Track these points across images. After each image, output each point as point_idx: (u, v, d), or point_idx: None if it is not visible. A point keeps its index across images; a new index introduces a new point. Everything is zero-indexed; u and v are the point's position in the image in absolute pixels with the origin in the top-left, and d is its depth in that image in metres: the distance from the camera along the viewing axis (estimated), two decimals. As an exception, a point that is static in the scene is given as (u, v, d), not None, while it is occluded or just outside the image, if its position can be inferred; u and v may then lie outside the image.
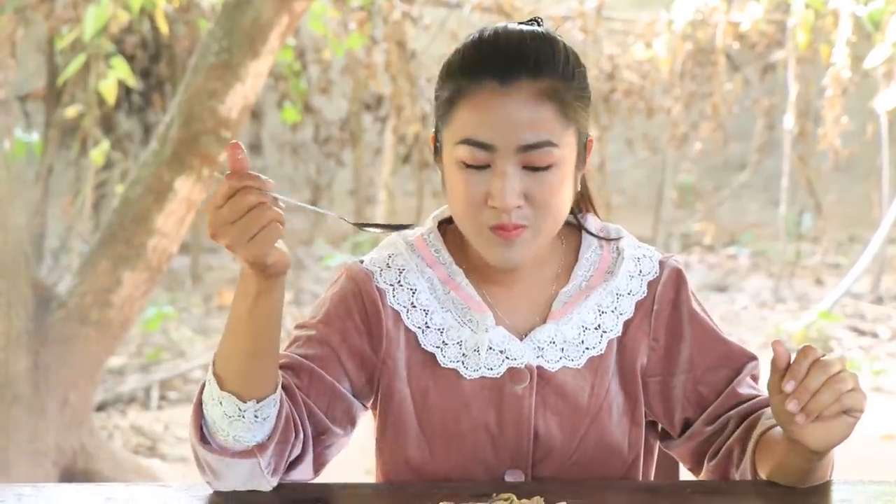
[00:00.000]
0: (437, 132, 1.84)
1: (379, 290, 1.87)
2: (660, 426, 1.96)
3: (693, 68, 8.62)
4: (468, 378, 1.84)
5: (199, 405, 1.76)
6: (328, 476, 1.89)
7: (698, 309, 1.91)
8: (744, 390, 1.87)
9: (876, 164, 8.68)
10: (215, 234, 1.62)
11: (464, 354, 1.85)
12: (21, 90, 8.01)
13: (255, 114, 8.74)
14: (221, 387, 1.73)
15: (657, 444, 1.98)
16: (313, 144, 9.54)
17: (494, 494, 1.66)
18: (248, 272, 1.67)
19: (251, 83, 4.46)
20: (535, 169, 1.76)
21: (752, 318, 8.32)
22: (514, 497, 1.65)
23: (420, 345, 1.86)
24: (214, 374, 1.74)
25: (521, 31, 1.81)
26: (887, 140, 8.05)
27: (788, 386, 1.66)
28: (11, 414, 4.44)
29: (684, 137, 9.01)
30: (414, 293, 1.88)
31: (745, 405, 1.86)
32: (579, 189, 1.87)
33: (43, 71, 8.04)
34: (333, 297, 1.89)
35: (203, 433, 1.75)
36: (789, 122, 8.17)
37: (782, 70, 8.72)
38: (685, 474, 2.09)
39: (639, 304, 1.89)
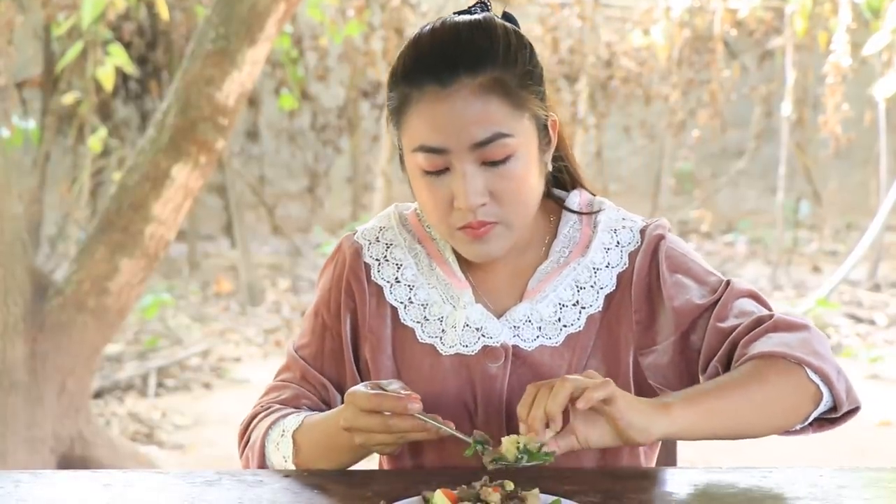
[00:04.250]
0: (399, 140, 1.83)
1: (366, 264, 1.93)
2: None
3: (691, 55, 8.62)
4: (445, 354, 1.86)
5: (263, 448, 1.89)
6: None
7: (673, 264, 1.85)
8: (727, 323, 1.80)
9: (874, 152, 8.68)
10: (350, 429, 1.71)
11: (443, 330, 1.88)
12: (18, 77, 7.99)
13: (253, 101, 8.73)
14: (295, 456, 1.85)
15: None
16: (311, 132, 9.53)
17: (485, 479, 1.64)
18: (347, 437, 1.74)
19: (248, 70, 4.45)
20: (494, 163, 1.75)
21: (750, 305, 8.29)
22: (505, 483, 1.63)
23: (401, 320, 1.89)
24: (294, 439, 1.85)
25: (457, 25, 1.78)
26: (885, 128, 8.05)
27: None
28: (9, 401, 4.44)
29: (682, 125, 9.01)
30: (399, 268, 1.92)
31: (728, 340, 1.78)
32: (549, 170, 1.85)
33: (40, 58, 8.03)
34: (323, 291, 1.96)
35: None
36: (787, 109, 8.16)
37: (780, 57, 8.72)
38: (682, 453, 2.09)
39: (620, 277, 1.87)
